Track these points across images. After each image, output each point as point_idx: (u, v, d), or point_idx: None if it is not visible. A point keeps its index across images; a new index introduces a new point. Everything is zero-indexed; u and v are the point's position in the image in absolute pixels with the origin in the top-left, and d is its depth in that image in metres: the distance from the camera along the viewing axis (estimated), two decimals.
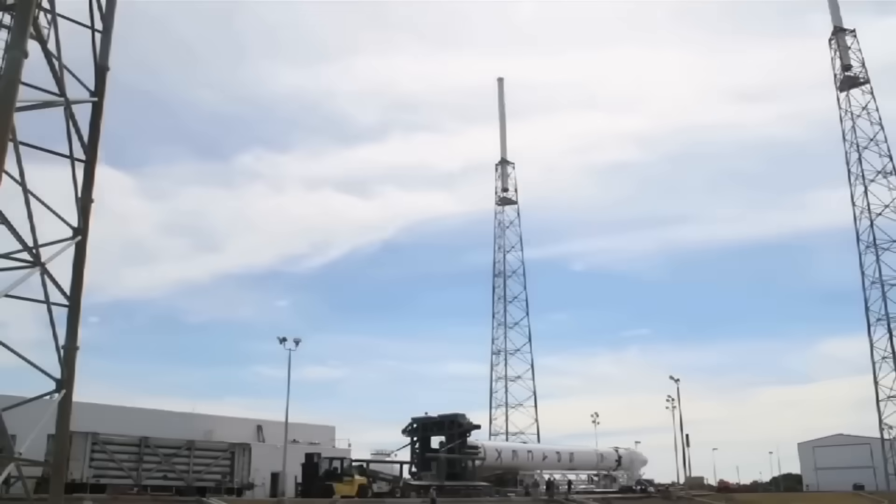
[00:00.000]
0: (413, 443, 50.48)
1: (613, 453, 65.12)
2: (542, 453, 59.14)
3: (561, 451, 60.66)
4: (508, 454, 55.53)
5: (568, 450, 61.50)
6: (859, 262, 71.93)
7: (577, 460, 61.19)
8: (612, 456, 64.61)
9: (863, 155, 72.26)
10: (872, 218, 71.02)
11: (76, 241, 16.41)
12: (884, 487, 67.25)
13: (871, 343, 70.60)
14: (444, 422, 50.16)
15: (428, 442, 50.37)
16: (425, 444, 50.29)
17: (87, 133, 16.88)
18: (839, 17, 75.39)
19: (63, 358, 15.83)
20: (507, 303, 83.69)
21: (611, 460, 64.26)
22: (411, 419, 51.07)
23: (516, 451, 57.33)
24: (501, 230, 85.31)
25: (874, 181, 71.72)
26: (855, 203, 72.61)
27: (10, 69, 13.57)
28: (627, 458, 65.83)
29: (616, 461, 64.53)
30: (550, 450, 60.69)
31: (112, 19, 17.48)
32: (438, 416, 50.82)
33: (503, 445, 58.47)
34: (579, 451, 62.41)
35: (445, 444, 49.05)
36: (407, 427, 50.86)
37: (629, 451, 67.32)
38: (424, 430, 50.61)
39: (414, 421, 50.90)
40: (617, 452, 65.44)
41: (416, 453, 50.03)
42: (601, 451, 64.38)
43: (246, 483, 38.52)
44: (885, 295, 69.75)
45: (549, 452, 59.77)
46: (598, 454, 63.58)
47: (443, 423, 50.13)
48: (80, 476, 32.47)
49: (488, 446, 53.66)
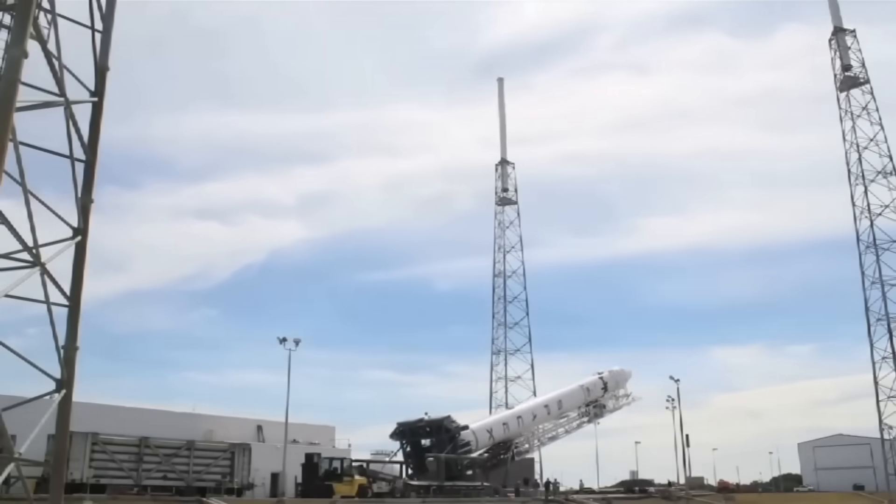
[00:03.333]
0: (403, 446, 49.68)
1: (598, 381, 62.78)
2: (530, 413, 57.45)
3: (549, 403, 59.07)
4: (500, 430, 53.96)
5: (555, 398, 59.85)
6: (859, 262, 72.06)
7: (566, 404, 59.81)
8: (597, 385, 62.45)
9: (863, 155, 72.42)
10: (872, 218, 71.16)
11: (76, 241, 16.41)
12: (884, 487, 67.21)
13: (871, 343, 70.70)
14: (430, 427, 49.10)
15: (419, 445, 49.45)
16: (417, 447, 49.39)
17: (87, 133, 16.88)
18: (839, 18, 75.44)
19: (63, 358, 15.83)
20: (506, 303, 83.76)
21: (597, 390, 62.31)
22: (397, 424, 49.99)
23: (506, 423, 55.41)
24: (501, 230, 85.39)
25: (874, 181, 71.85)
26: (855, 203, 72.78)
27: (10, 69, 13.57)
28: (612, 380, 63.63)
29: (602, 389, 62.59)
30: (538, 406, 59.00)
31: (112, 19, 17.48)
32: (426, 420, 49.64)
33: (492, 422, 55.99)
34: (566, 395, 60.61)
35: (435, 449, 47.97)
36: (395, 431, 49.80)
37: (612, 371, 64.79)
38: (413, 435, 49.58)
39: (400, 426, 49.77)
40: (601, 379, 63.02)
41: (408, 456, 49.22)
42: (585, 385, 62.15)
43: (246, 483, 38.56)
44: (885, 295, 69.88)
45: (537, 410, 58.13)
46: (583, 388, 61.59)
47: (429, 428, 49.11)
48: (80, 476, 32.52)
49: (478, 432, 51.99)
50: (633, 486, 67.37)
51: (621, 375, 65.51)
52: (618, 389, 64.53)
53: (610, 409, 63.99)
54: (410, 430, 49.61)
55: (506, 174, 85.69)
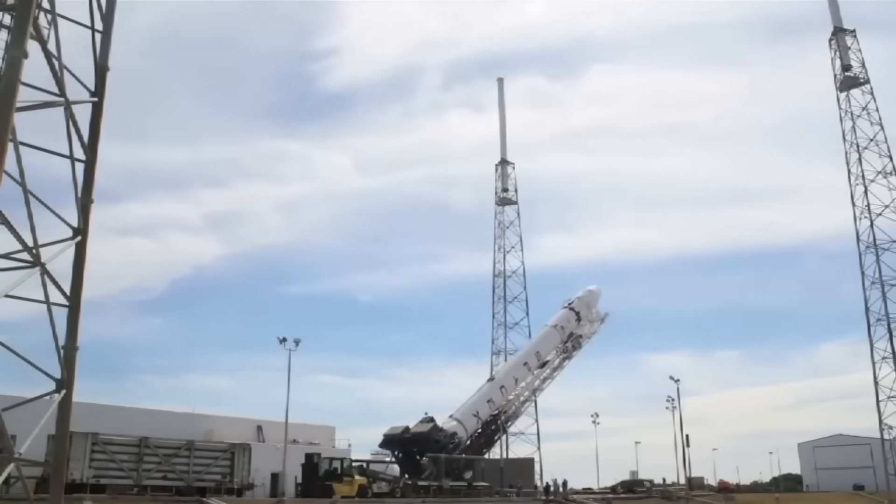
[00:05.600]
0: (394, 454, 48.90)
1: (569, 313, 60.97)
2: (511, 378, 55.76)
3: (527, 359, 57.34)
4: (486, 408, 52.65)
5: (531, 350, 58.33)
6: (859, 262, 71.99)
7: (544, 351, 58.14)
8: (570, 318, 60.73)
9: (863, 155, 72.40)
10: (872, 218, 71.14)
11: (76, 241, 16.41)
12: (884, 487, 67.17)
13: (871, 343, 70.63)
14: (417, 438, 47.90)
15: (410, 451, 48.40)
16: (410, 454, 48.44)
17: (87, 133, 16.88)
18: (839, 18, 75.43)
19: (63, 358, 15.83)
20: (506, 303, 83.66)
21: (571, 322, 60.60)
22: (384, 435, 49.14)
23: (490, 398, 53.72)
24: (501, 230, 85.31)
25: (874, 181, 71.87)
26: (855, 203, 72.77)
27: (10, 69, 13.56)
28: (583, 306, 61.81)
29: (576, 320, 60.78)
30: (517, 366, 57.23)
31: (112, 19, 17.49)
32: (411, 432, 48.33)
33: (475, 402, 53.59)
34: (540, 342, 59.25)
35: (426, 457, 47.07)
36: (383, 441, 49.03)
37: (580, 298, 62.80)
38: (402, 444, 48.37)
39: (386, 437, 48.80)
40: (571, 309, 61.02)
41: (401, 462, 48.28)
42: (557, 323, 60.31)
43: (246, 483, 38.54)
44: (885, 295, 69.86)
45: (517, 371, 56.48)
46: (557, 328, 59.89)
47: (415, 440, 47.87)
48: (80, 476, 32.51)
49: (464, 420, 50.81)
50: (618, 487, 67.25)
51: (591, 296, 63.20)
52: (590, 312, 62.19)
53: (587, 336, 61.71)
54: (398, 441, 48.47)
55: (506, 174, 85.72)
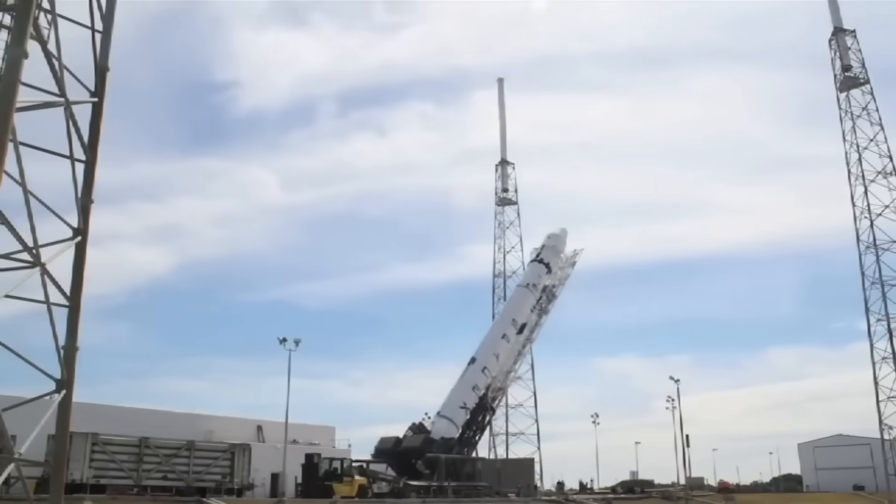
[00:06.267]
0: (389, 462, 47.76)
1: (538, 266, 57.93)
2: (492, 356, 53.20)
3: (504, 331, 54.51)
4: (472, 397, 50.98)
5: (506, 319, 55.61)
6: (859, 262, 72.02)
7: (519, 315, 55.77)
8: (539, 271, 58.05)
9: (863, 155, 72.41)
10: (872, 218, 71.16)
11: (76, 241, 16.41)
12: (884, 488, 67.17)
13: (871, 343, 70.66)
14: (409, 452, 46.60)
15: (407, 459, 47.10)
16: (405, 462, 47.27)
17: (87, 133, 16.88)
18: (839, 18, 75.43)
19: (63, 358, 15.82)
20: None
21: (542, 276, 58.03)
22: (375, 449, 48.29)
23: (475, 384, 51.59)
24: (501, 231, 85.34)
25: (874, 181, 71.87)
26: (855, 203, 72.78)
27: (10, 69, 13.56)
28: (552, 254, 58.74)
29: (547, 272, 58.13)
30: (495, 340, 54.04)
31: (112, 19, 17.47)
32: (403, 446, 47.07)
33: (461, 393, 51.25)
34: (514, 306, 56.66)
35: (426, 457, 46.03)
36: (375, 452, 48.20)
37: (546, 246, 59.40)
38: (396, 458, 46.98)
39: (378, 450, 47.81)
40: (541, 262, 57.77)
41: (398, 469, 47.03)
42: (528, 281, 57.73)
43: (246, 483, 38.54)
44: (885, 295, 69.87)
45: (497, 346, 53.70)
46: (528, 287, 57.24)
47: (408, 453, 46.56)
48: (80, 476, 32.49)
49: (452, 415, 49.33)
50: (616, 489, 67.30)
51: (557, 241, 60.38)
52: (560, 259, 59.56)
53: (561, 282, 59.24)
54: (391, 454, 47.22)
55: (506, 174, 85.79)
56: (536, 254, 59.76)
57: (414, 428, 48.94)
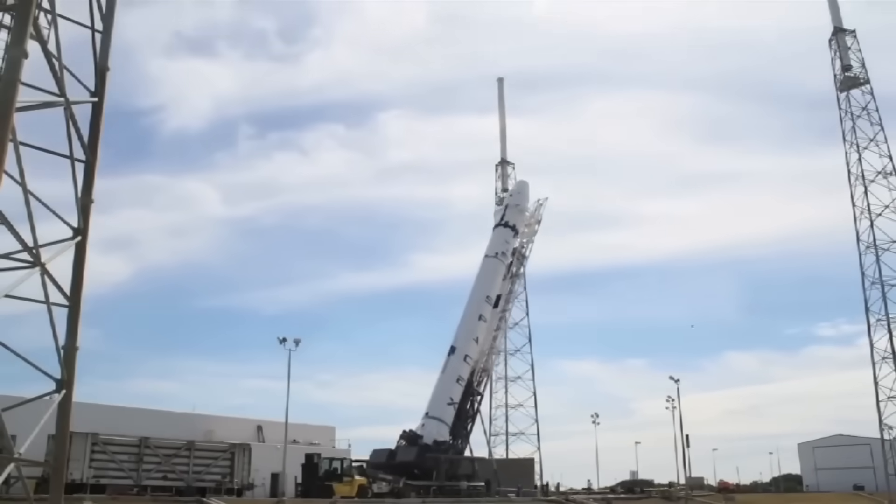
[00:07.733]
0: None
1: (504, 231, 54.75)
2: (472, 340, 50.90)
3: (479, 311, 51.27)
4: (458, 390, 49.36)
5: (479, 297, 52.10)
6: (859, 262, 72.00)
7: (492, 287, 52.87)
8: (506, 235, 54.65)
9: (863, 155, 72.42)
10: (872, 218, 71.16)
11: (76, 241, 16.41)
12: (884, 488, 67.17)
13: (871, 343, 70.66)
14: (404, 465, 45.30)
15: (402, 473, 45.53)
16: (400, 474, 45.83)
17: (87, 133, 16.89)
18: (839, 18, 75.43)
19: (63, 358, 15.83)
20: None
21: (509, 240, 55.16)
22: (368, 461, 46.98)
23: (460, 376, 49.67)
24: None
25: (874, 181, 71.87)
26: (855, 203, 72.77)
27: (10, 69, 13.57)
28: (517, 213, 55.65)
29: (513, 233, 55.36)
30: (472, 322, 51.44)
31: (112, 19, 17.49)
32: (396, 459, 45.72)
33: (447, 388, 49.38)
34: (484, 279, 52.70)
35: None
36: (369, 464, 46.72)
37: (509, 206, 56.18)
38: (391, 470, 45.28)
39: (371, 465, 46.25)
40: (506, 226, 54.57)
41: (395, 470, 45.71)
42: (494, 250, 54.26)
43: (246, 483, 38.52)
44: (885, 295, 69.89)
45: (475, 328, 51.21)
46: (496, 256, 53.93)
47: (403, 466, 45.25)
48: (80, 476, 32.49)
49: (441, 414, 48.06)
50: (618, 488, 67.27)
51: (520, 198, 57.11)
52: (525, 216, 56.73)
53: (529, 240, 56.79)
54: (385, 466, 45.83)
55: (506, 174, 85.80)
56: (500, 217, 56.51)
57: (405, 436, 47.44)
